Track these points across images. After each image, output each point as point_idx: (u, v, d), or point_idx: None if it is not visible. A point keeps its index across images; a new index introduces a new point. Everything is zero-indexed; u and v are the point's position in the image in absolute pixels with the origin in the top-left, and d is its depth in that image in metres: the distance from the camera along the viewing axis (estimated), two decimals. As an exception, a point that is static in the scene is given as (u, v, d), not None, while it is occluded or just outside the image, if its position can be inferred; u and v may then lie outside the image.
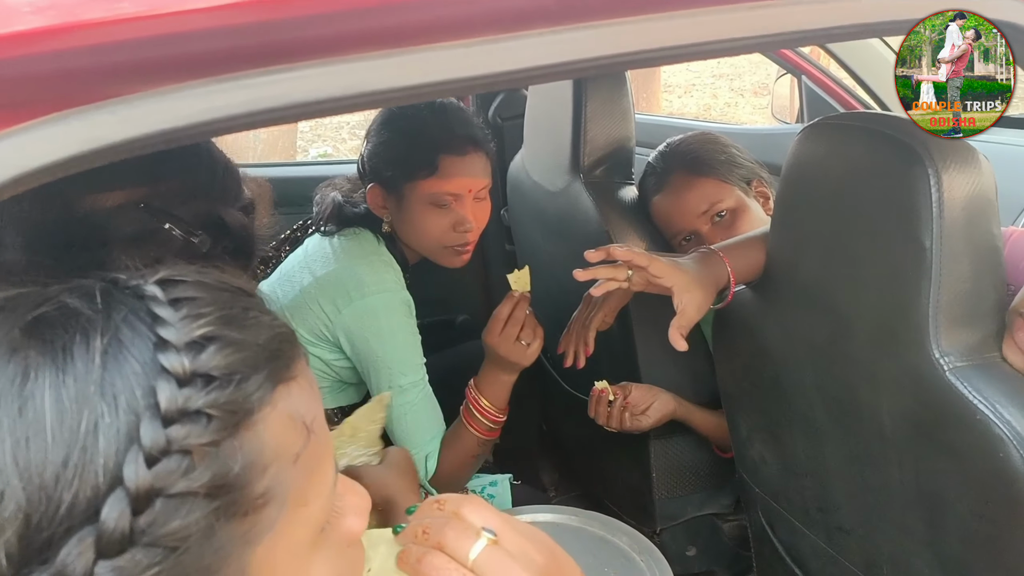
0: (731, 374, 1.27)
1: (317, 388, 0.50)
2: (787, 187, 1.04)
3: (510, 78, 0.56)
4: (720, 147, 1.48)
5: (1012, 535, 0.85)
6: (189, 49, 0.44)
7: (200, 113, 0.44)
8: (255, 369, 0.44)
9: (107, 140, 0.44)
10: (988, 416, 0.82)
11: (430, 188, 1.36)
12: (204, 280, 0.46)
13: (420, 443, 1.39)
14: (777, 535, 1.27)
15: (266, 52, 0.44)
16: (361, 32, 0.49)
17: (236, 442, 0.42)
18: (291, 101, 0.45)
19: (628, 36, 0.60)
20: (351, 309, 1.36)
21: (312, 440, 0.46)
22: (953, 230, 0.84)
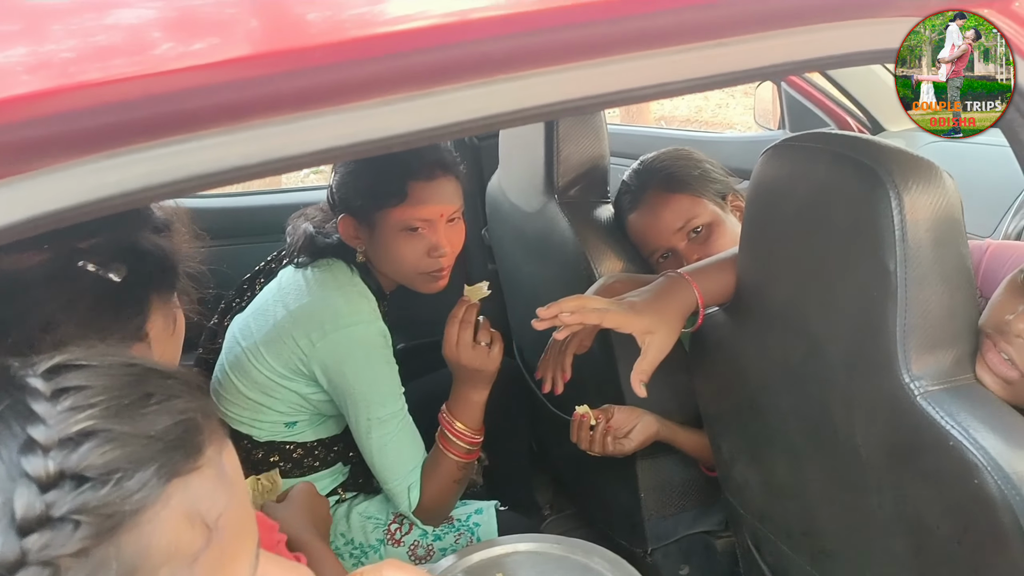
0: (710, 396, 1.26)
1: (234, 474, 0.46)
2: (753, 208, 1.02)
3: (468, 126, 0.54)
4: (694, 163, 1.47)
5: (995, 563, 0.83)
6: (90, 123, 0.42)
7: (103, 188, 0.42)
8: (141, 464, 0.41)
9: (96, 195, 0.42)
10: (961, 442, 0.80)
11: (401, 216, 1.35)
12: (102, 364, 0.43)
13: (402, 474, 1.37)
14: (764, 557, 1.25)
15: (166, 121, 0.43)
16: (347, 82, 0.48)
17: (111, 548, 0.39)
18: (193, 173, 0.44)
19: (600, 77, 0.59)
20: (326, 342, 1.35)
21: (216, 538, 0.43)
22: (918, 252, 0.82)
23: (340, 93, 0.48)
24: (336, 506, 1.49)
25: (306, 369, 1.36)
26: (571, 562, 1.26)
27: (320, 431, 1.47)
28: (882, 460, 0.91)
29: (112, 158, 0.42)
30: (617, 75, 0.56)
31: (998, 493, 0.78)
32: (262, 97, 0.45)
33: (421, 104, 0.50)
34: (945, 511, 0.86)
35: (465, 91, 0.51)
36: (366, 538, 1.44)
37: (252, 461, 1.43)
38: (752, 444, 1.18)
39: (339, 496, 1.50)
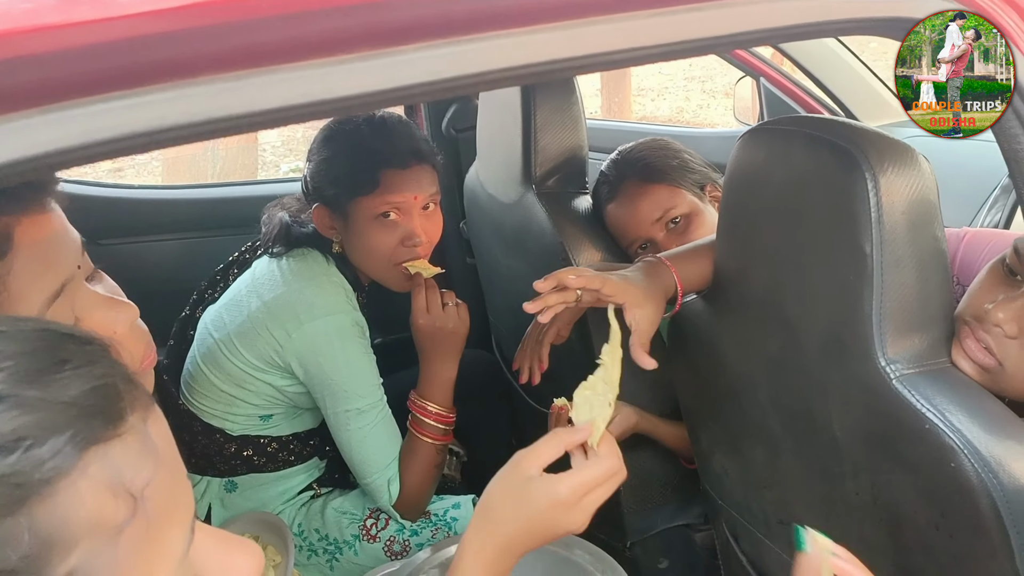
0: (688, 387, 1.25)
1: (163, 443, 0.44)
2: (730, 194, 1.01)
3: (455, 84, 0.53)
4: (672, 153, 1.46)
5: (972, 548, 0.82)
6: (28, 77, 0.40)
7: (126, 126, 0.40)
8: (52, 431, 0.38)
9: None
10: (937, 425, 0.80)
11: (374, 204, 1.33)
12: (14, 328, 0.41)
13: (380, 467, 1.36)
14: (742, 547, 1.25)
15: (187, 65, 0.41)
16: (299, 40, 0.46)
17: (22, 518, 0.37)
18: (133, 130, 0.42)
19: (576, 40, 0.57)
20: (301, 333, 1.32)
21: (143, 509, 0.41)
22: (894, 235, 0.81)
23: (292, 50, 0.46)
24: (311, 502, 1.46)
25: (281, 361, 1.34)
26: (551, 554, 1.25)
27: (295, 425, 1.45)
28: (859, 446, 0.91)
29: (46, 114, 0.40)
30: (586, 39, 0.55)
31: (975, 477, 0.78)
32: (206, 52, 0.43)
33: (378, 64, 0.48)
34: (922, 496, 0.85)
35: (425, 52, 0.50)
36: (341, 534, 1.42)
37: (225, 455, 1.41)
38: (730, 434, 1.17)
39: (314, 491, 1.48)
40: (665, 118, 7.52)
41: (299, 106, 0.47)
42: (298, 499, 1.46)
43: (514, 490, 0.84)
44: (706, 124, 6.76)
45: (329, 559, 1.41)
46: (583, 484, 0.85)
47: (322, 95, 0.46)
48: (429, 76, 0.52)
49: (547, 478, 0.84)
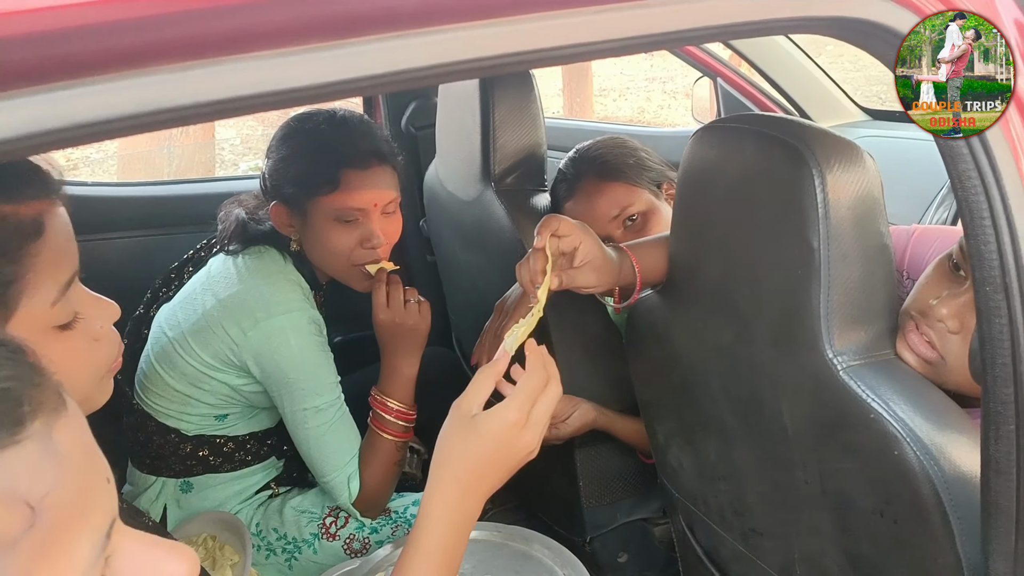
0: (645, 381, 1.26)
1: (71, 449, 0.42)
2: (684, 190, 1.03)
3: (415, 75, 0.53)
4: (629, 151, 1.48)
5: (914, 533, 0.85)
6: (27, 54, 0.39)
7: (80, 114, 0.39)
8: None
9: None
10: (882, 414, 0.82)
11: (333, 204, 1.32)
12: None
13: (339, 465, 1.35)
14: (697, 539, 1.27)
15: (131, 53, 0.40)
16: (248, 29, 0.45)
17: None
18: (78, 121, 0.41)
19: (530, 34, 0.58)
20: (257, 331, 1.31)
21: (41, 520, 0.39)
22: (840, 230, 0.83)
23: (245, 40, 0.46)
24: (268, 501, 1.45)
25: (237, 360, 1.33)
26: (511, 549, 1.26)
27: (252, 424, 1.43)
28: (808, 436, 0.93)
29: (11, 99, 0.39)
30: (538, 33, 0.55)
31: (917, 464, 0.80)
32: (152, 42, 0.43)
33: (334, 55, 0.49)
34: (867, 484, 0.88)
35: (381, 43, 0.50)
36: (300, 532, 1.41)
37: (180, 455, 1.39)
38: (686, 427, 1.19)
39: (272, 491, 1.47)
40: (626, 118, 7.59)
41: (249, 96, 0.47)
42: (256, 498, 1.45)
43: (461, 431, 0.84)
44: (667, 124, 6.84)
45: (288, 558, 1.40)
46: (523, 401, 0.85)
47: (275, 86, 0.46)
48: (385, 67, 0.52)
49: (489, 410, 0.84)
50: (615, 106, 8.23)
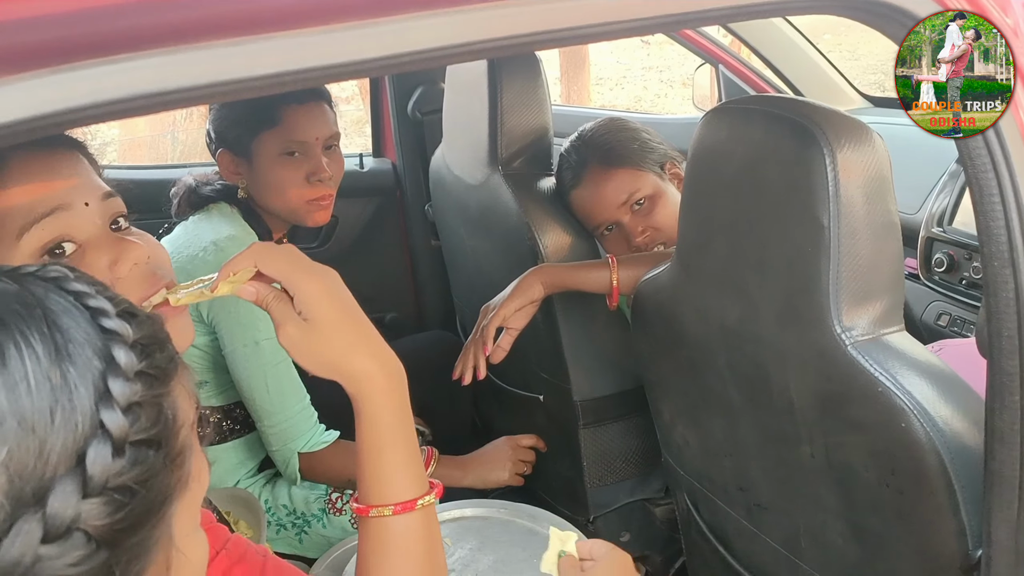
0: (650, 360, 1.28)
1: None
2: (693, 170, 1.05)
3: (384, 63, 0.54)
4: (632, 134, 1.49)
5: (918, 503, 0.87)
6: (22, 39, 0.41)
7: (42, 105, 0.41)
8: (161, 343, 0.49)
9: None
10: (889, 388, 0.84)
11: (277, 139, 1.37)
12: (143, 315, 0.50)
13: (278, 413, 1.33)
14: (702, 516, 1.29)
15: (109, 41, 0.42)
16: (225, 16, 0.47)
17: (168, 400, 0.47)
18: (136, 92, 0.43)
19: (538, 16, 0.59)
20: (205, 271, 1.31)
21: (197, 415, 0.52)
22: (849, 208, 0.85)
23: (260, 22, 0.47)
24: (275, 478, 1.47)
25: (193, 312, 1.32)
26: (517, 526, 1.28)
27: (233, 392, 1.42)
28: (814, 411, 0.95)
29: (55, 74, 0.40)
30: (547, 15, 0.57)
31: (924, 436, 0.83)
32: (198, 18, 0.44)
33: (346, 37, 0.50)
34: (873, 456, 0.90)
35: (388, 25, 0.51)
36: (308, 508, 1.43)
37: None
38: (691, 405, 1.21)
39: (275, 469, 1.48)
40: (623, 107, 7.59)
41: (271, 75, 0.48)
42: (262, 476, 1.47)
43: None
44: (664, 112, 6.84)
45: (298, 532, 1.42)
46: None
47: (291, 66, 0.48)
48: (392, 50, 0.54)
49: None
50: (612, 95, 8.23)
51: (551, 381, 1.59)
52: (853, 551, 0.98)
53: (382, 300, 2.12)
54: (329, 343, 0.71)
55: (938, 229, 1.64)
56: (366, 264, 2.06)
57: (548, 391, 1.62)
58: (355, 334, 0.73)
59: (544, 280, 1.36)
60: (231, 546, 0.75)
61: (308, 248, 2.02)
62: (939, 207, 1.72)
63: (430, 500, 0.74)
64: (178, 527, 0.49)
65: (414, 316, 2.17)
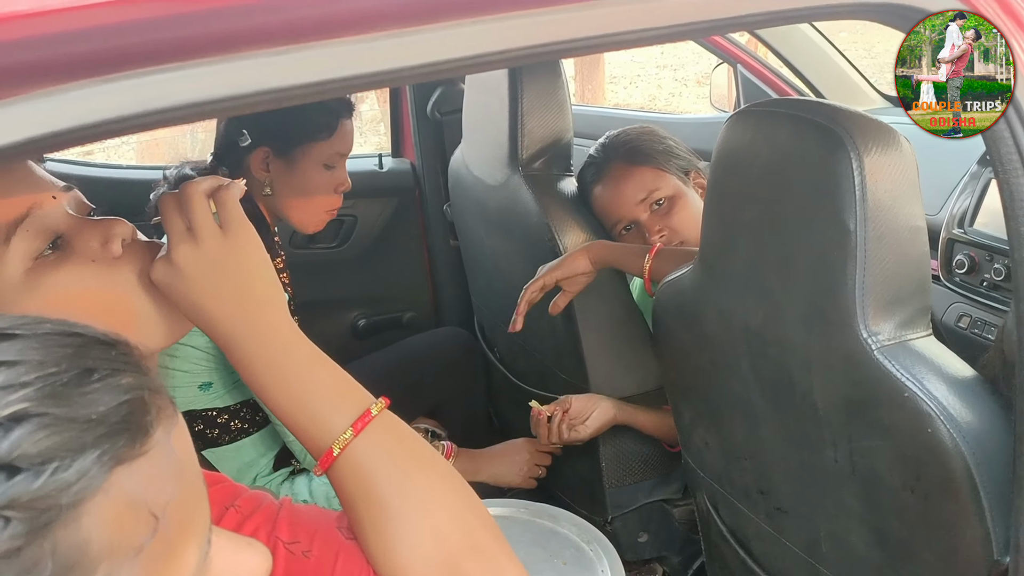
0: (672, 362, 1.28)
1: (184, 454, 0.43)
2: (717, 173, 1.05)
3: (426, 71, 0.55)
4: (658, 138, 1.50)
5: (944, 508, 0.87)
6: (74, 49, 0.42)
7: (87, 115, 0.42)
8: (79, 452, 0.36)
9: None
10: (916, 393, 0.84)
11: (326, 150, 1.42)
12: (37, 333, 0.39)
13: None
14: (722, 518, 1.29)
15: (156, 51, 0.43)
16: (262, 28, 0.48)
17: (46, 544, 0.35)
18: (183, 101, 0.44)
19: (562, 24, 0.59)
20: None
21: (163, 528, 0.40)
22: (876, 212, 0.85)
23: (289, 33, 0.48)
24: (293, 476, 1.48)
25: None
26: (538, 526, 1.29)
27: (238, 392, 1.42)
28: (839, 415, 0.95)
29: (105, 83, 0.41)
30: (573, 23, 0.57)
31: (950, 441, 0.82)
32: (266, 26, 0.45)
33: (382, 46, 0.51)
34: (898, 461, 0.90)
35: (418, 35, 0.52)
36: (329, 503, 1.43)
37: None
38: (713, 408, 1.21)
39: (293, 467, 1.49)
40: (637, 105, 7.57)
41: (309, 84, 0.49)
42: (281, 472, 1.47)
43: None
44: (678, 112, 6.82)
45: (320, 531, 1.43)
46: (202, 223, 0.67)
47: (326, 75, 0.48)
48: (420, 59, 0.55)
49: (185, 252, 0.67)
50: (626, 93, 8.21)
51: (570, 381, 1.59)
52: (876, 556, 0.98)
53: (400, 299, 2.13)
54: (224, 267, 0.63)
55: (959, 230, 1.63)
56: (385, 264, 2.07)
57: (566, 391, 1.62)
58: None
59: (592, 254, 1.39)
60: (242, 502, 0.68)
61: (328, 248, 2.03)
62: (960, 208, 1.71)
63: (381, 404, 0.65)
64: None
65: (432, 316, 2.18)
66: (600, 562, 1.21)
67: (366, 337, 2.04)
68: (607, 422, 1.49)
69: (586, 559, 1.22)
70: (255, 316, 0.65)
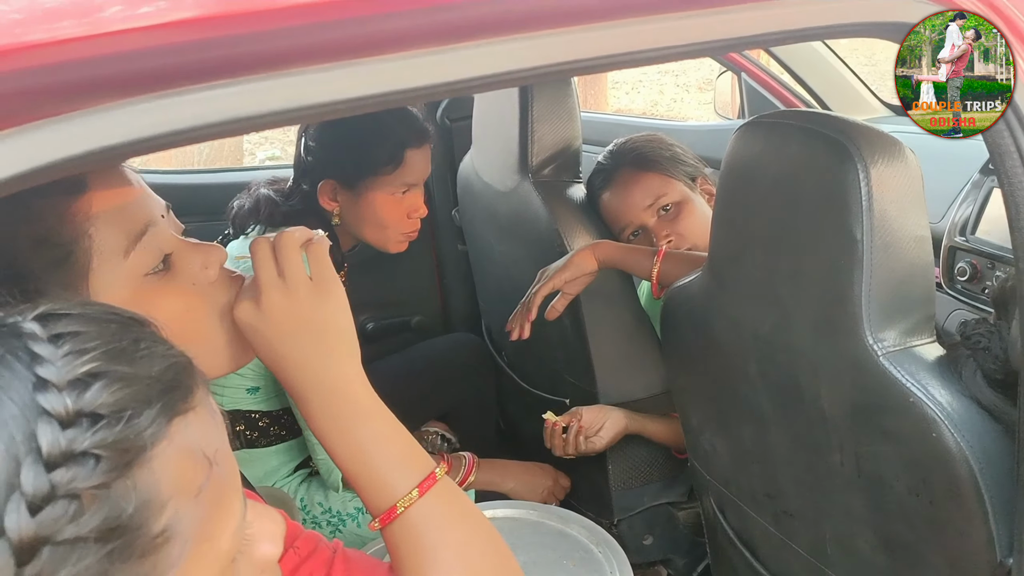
0: (680, 367, 1.30)
1: (220, 417, 0.48)
2: (727, 183, 1.07)
3: (455, 87, 0.57)
4: (664, 145, 1.53)
5: (949, 512, 0.89)
6: (131, 67, 0.44)
7: (143, 129, 0.44)
8: (147, 403, 0.42)
9: (49, 159, 0.44)
10: (921, 398, 0.86)
11: (395, 181, 1.40)
12: (88, 312, 0.44)
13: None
14: (728, 521, 1.31)
15: (207, 67, 0.45)
16: (306, 46, 0.50)
17: (128, 482, 0.41)
18: (233, 115, 0.46)
19: (580, 44, 0.62)
20: None
21: (215, 473, 0.45)
22: (883, 222, 0.87)
23: (372, 46, 0.50)
24: (311, 477, 1.50)
25: None
26: (547, 528, 1.30)
27: (284, 399, 1.45)
28: (845, 420, 0.97)
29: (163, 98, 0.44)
30: (588, 43, 0.59)
31: (955, 446, 0.85)
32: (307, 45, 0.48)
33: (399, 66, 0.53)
34: (904, 466, 0.92)
35: (438, 56, 0.55)
36: (344, 507, 1.46)
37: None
38: (720, 412, 1.23)
39: (311, 468, 1.52)
40: (639, 111, 7.60)
41: (372, 96, 0.51)
42: (297, 474, 1.50)
43: None
44: (679, 118, 6.84)
45: (332, 531, 1.45)
46: (292, 271, 0.73)
47: (348, 94, 0.51)
48: (440, 78, 0.57)
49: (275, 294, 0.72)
50: (628, 99, 8.23)
51: (578, 385, 1.61)
52: (881, 560, 1.00)
53: (409, 303, 2.15)
54: (310, 318, 0.68)
55: (961, 238, 1.65)
56: (393, 267, 2.08)
57: (574, 395, 1.64)
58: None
59: (598, 255, 1.40)
60: (300, 543, 0.73)
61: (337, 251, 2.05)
62: (962, 216, 1.73)
63: (443, 470, 0.70)
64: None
65: (440, 320, 2.20)
66: (609, 564, 1.22)
67: (374, 340, 2.05)
68: (620, 432, 1.51)
69: (595, 561, 1.24)
70: (333, 372, 0.69)
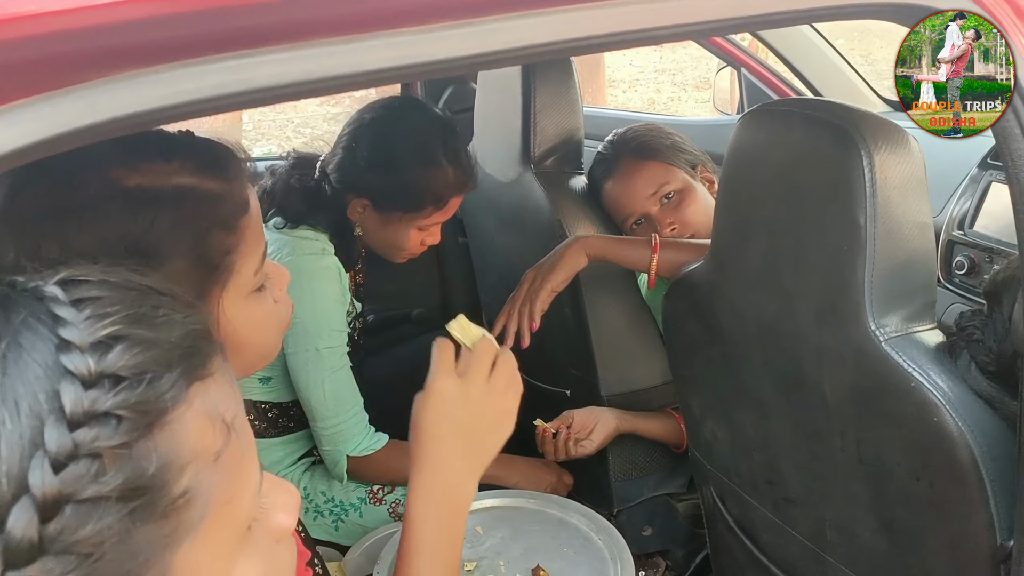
0: (683, 356, 1.31)
1: (236, 386, 0.49)
2: (730, 171, 1.08)
3: (465, 63, 0.58)
4: (665, 134, 1.54)
5: (950, 496, 0.90)
6: (154, 35, 0.45)
7: (166, 97, 0.45)
8: (168, 367, 0.43)
9: (73, 125, 0.44)
10: (922, 383, 0.87)
11: (427, 217, 1.42)
12: (109, 279, 0.45)
13: (334, 414, 1.39)
14: (728, 509, 1.32)
15: (231, 37, 0.46)
16: (322, 19, 0.51)
17: (150, 443, 0.41)
18: (256, 86, 0.47)
19: (574, 23, 0.62)
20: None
21: (233, 438, 0.46)
22: (886, 209, 0.88)
23: (385, 20, 0.51)
24: (315, 466, 1.51)
25: None
26: (547, 516, 1.31)
27: (292, 392, 1.45)
28: (848, 406, 0.98)
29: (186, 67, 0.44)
30: (579, 23, 0.60)
31: (956, 430, 0.85)
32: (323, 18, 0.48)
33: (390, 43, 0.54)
34: (905, 450, 0.93)
35: (432, 33, 0.55)
36: (347, 496, 1.46)
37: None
38: (723, 401, 1.24)
39: (315, 457, 1.52)
40: (637, 109, 7.61)
41: (387, 69, 0.52)
42: (300, 464, 1.50)
43: (423, 409, 0.86)
44: (678, 115, 6.85)
45: (335, 520, 1.46)
46: (475, 365, 0.86)
47: (337, 71, 0.51)
48: (437, 56, 0.57)
49: (445, 385, 0.85)
50: (625, 97, 8.24)
51: (579, 376, 1.62)
52: (881, 544, 1.01)
53: (409, 296, 2.15)
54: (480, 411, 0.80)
55: (959, 232, 1.67)
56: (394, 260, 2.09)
57: (575, 386, 1.65)
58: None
59: (588, 251, 1.40)
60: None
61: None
62: (961, 210, 1.74)
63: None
64: (206, 561, 0.45)
65: (441, 312, 2.21)
66: (609, 551, 1.23)
67: (375, 333, 2.06)
68: (611, 433, 1.53)
69: (595, 548, 1.25)
70: (464, 465, 0.80)
